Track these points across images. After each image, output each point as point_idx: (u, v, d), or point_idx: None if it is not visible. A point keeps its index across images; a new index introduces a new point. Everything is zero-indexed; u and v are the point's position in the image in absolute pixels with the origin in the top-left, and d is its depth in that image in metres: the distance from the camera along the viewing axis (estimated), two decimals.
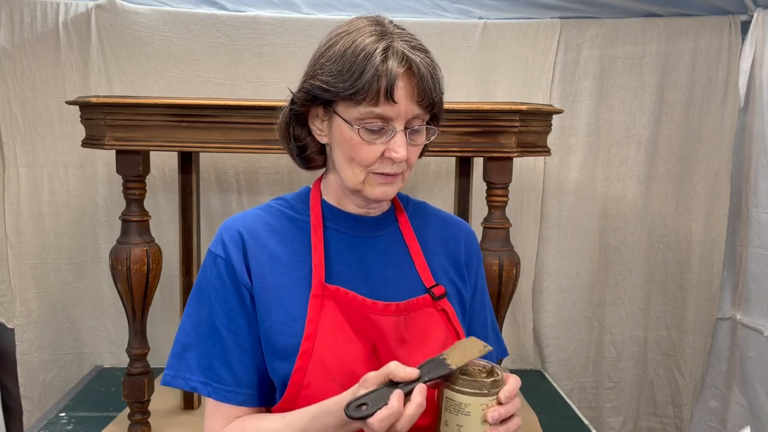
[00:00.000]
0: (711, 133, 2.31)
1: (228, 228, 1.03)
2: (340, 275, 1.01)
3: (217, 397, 0.98)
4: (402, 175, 1.00)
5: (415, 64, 0.92)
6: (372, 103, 0.92)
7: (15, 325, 2.25)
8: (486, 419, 0.85)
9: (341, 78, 0.93)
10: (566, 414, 2.03)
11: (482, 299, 1.17)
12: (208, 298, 1.01)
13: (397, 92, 0.92)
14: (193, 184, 1.93)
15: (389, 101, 0.92)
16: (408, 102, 0.94)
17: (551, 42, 2.27)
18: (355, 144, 0.96)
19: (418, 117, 0.97)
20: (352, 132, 0.95)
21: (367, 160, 0.96)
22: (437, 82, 0.96)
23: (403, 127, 0.95)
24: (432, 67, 0.95)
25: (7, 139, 2.18)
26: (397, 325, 1.00)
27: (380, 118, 0.94)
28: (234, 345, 0.99)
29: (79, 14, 2.15)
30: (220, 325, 0.99)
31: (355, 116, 0.94)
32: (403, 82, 0.92)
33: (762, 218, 2.18)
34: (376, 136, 0.95)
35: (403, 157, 0.95)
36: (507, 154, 1.63)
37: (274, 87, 2.18)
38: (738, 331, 2.31)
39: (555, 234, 2.36)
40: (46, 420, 1.92)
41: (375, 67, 0.91)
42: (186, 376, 1.00)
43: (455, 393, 0.86)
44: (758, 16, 2.18)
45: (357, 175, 0.98)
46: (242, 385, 0.99)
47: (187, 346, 1.01)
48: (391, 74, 0.91)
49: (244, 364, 0.99)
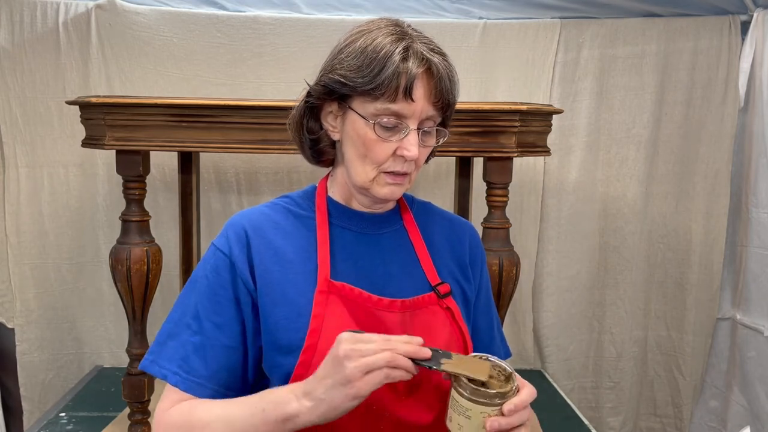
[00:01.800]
0: (711, 133, 2.31)
1: (233, 224, 1.03)
2: (346, 272, 1.02)
3: (184, 387, 0.98)
4: (410, 176, 1.01)
5: (434, 65, 0.94)
6: (390, 99, 0.93)
7: (15, 325, 2.25)
8: (485, 427, 0.85)
9: (361, 73, 0.94)
10: (566, 414, 2.03)
11: (486, 299, 1.17)
12: (198, 288, 1.01)
13: (415, 91, 0.94)
14: (193, 184, 1.94)
15: (407, 99, 0.93)
16: (424, 102, 0.95)
17: (551, 42, 2.27)
18: (369, 140, 0.97)
19: (431, 118, 0.98)
20: (367, 128, 0.96)
21: (380, 158, 0.97)
22: (454, 85, 0.98)
23: (417, 127, 0.97)
24: (450, 70, 0.97)
25: (7, 139, 2.19)
26: (402, 321, 1.00)
27: (395, 116, 0.95)
28: (214, 338, 0.99)
29: (79, 14, 2.15)
30: (203, 316, 0.99)
31: (371, 112, 0.95)
32: (422, 81, 0.94)
33: (762, 218, 2.18)
34: (390, 134, 0.96)
35: (415, 156, 0.96)
36: (507, 154, 1.64)
37: (274, 87, 2.18)
38: (738, 331, 2.31)
39: (555, 234, 2.37)
40: (46, 420, 1.92)
41: (395, 65, 0.92)
42: (162, 364, 1.00)
43: (458, 395, 0.87)
44: (758, 16, 2.18)
45: (368, 172, 0.99)
46: (213, 380, 0.98)
47: (170, 334, 1.01)
48: (411, 72, 0.93)
49: (219, 360, 0.98)
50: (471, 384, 0.86)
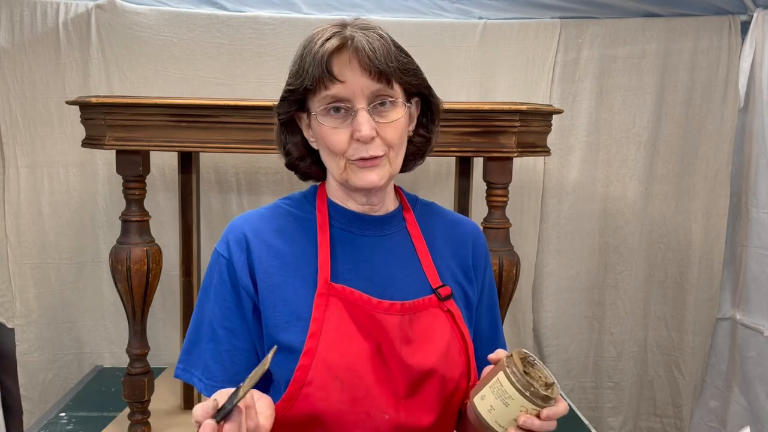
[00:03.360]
0: (711, 133, 2.31)
1: (233, 228, 1.03)
2: (346, 274, 1.01)
3: (208, 393, 0.99)
4: (386, 158, 0.98)
5: (351, 39, 0.93)
6: (322, 86, 0.94)
7: (15, 325, 2.25)
8: (517, 420, 0.86)
9: (298, 75, 0.96)
10: (566, 414, 2.03)
11: (490, 300, 1.16)
12: (209, 296, 1.02)
13: (336, 68, 0.92)
14: (193, 184, 1.93)
15: (331, 79, 0.93)
16: (358, 77, 0.93)
17: (551, 42, 2.27)
18: (324, 133, 0.96)
19: (382, 92, 0.95)
20: (319, 122, 0.96)
21: (339, 146, 0.96)
22: (381, 51, 0.93)
23: (366, 105, 0.95)
24: (375, 38, 0.94)
25: (7, 139, 2.18)
26: (402, 324, 1.00)
27: (337, 100, 0.94)
28: (228, 343, 1.00)
29: (79, 14, 2.15)
30: (216, 323, 1.01)
31: (317, 107, 0.96)
32: (339, 56, 0.93)
33: (762, 218, 2.18)
34: (339, 120, 0.95)
35: (367, 135, 0.94)
36: (507, 154, 1.63)
37: (274, 87, 2.15)
38: (738, 331, 2.31)
39: (555, 234, 2.36)
40: (46, 420, 1.92)
41: (314, 53, 0.93)
42: (191, 371, 1.02)
43: (508, 381, 0.87)
44: (758, 16, 2.18)
45: (339, 165, 0.98)
46: (234, 384, 0.99)
47: (192, 342, 1.03)
48: (325, 52, 0.92)
49: (237, 363, 1.00)
50: (526, 376, 0.86)
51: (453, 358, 1.01)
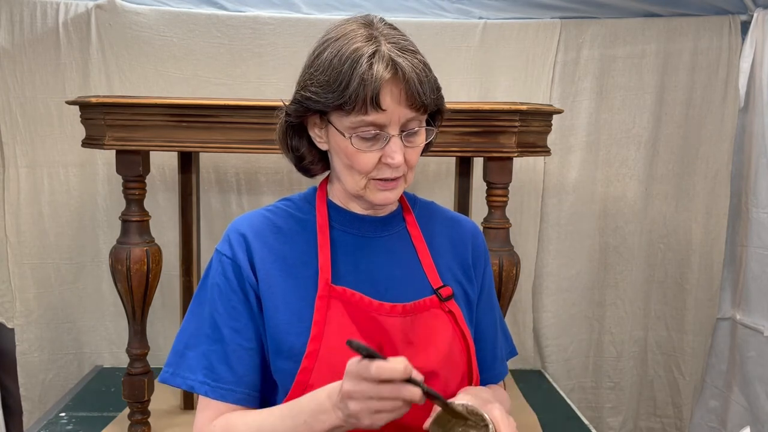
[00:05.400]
0: (711, 133, 2.31)
1: (234, 229, 1.03)
2: (347, 276, 1.01)
3: (214, 395, 0.98)
4: (403, 178, 1.00)
5: (401, 69, 0.91)
6: (362, 111, 0.91)
7: (15, 325, 2.25)
8: None
9: (329, 88, 0.92)
10: (566, 414, 2.03)
11: (489, 298, 1.16)
12: (211, 296, 1.01)
13: (383, 99, 0.91)
14: (193, 184, 1.93)
15: (377, 109, 0.91)
16: (398, 107, 0.93)
17: (551, 42, 2.27)
18: (351, 153, 0.95)
19: (414, 119, 0.96)
20: (345, 141, 0.95)
21: (365, 168, 0.96)
22: (427, 84, 0.93)
23: (399, 132, 0.95)
24: (420, 68, 0.93)
25: (7, 139, 2.18)
26: (404, 326, 1.00)
27: (373, 126, 0.93)
28: (234, 343, 0.99)
29: (79, 14, 2.15)
30: (221, 323, 1.00)
31: (347, 125, 0.94)
32: (389, 88, 0.91)
33: (762, 218, 2.18)
34: (370, 144, 0.95)
35: (399, 163, 0.95)
36: (507, 154, 1.63)
37: (274, 87, 2.18)
38: (738, 331, 2.31)
39: (555, 234, 2.36)
40: (46, 420, 1.91)
41: (360, 76, 0.89)
42: (185, 375, 1.00)
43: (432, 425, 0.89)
44: (758, 16, 2.18)
45: (357, 182, 0.98)
46: (241, 384, 0.99)
47: (188, 345, 1.01)
48: (376, 82, 0.89)
49: (244, 363, 0.99)
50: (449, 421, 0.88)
51: (455, 360, 1.01)
